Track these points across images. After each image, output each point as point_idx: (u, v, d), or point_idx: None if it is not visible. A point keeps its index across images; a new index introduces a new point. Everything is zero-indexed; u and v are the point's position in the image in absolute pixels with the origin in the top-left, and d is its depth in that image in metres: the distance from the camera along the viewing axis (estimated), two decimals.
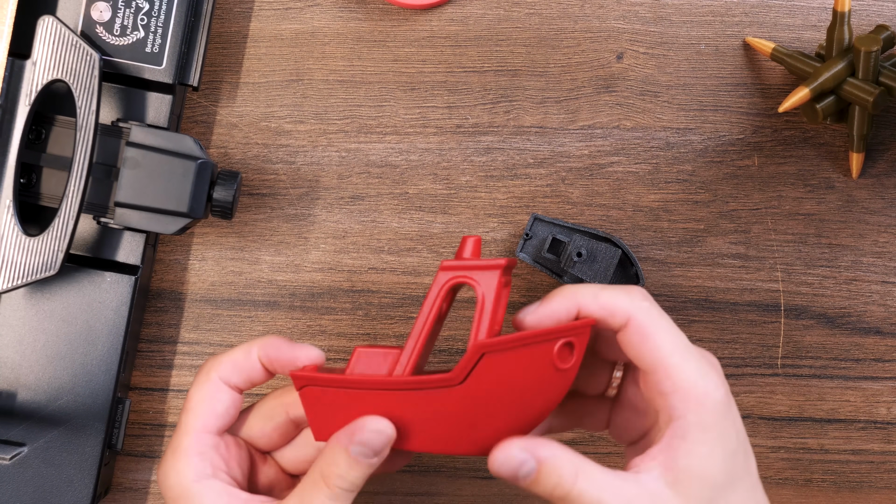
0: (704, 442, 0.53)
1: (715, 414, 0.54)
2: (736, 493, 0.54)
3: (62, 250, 0.61)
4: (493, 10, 0.69)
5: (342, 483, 0.54)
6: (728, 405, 0.54)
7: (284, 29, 0.69)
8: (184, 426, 0.58)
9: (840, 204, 0.69)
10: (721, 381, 0.55)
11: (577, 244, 0.66)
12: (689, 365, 0.54)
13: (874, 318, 0.69)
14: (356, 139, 0.69)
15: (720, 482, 0.54)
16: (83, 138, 0.61)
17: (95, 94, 0.61)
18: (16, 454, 0.64)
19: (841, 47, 0.66)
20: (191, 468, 0.56)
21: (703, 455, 0.53)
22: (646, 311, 0.55)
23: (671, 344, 0.55)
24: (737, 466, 0.54)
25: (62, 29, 0.61)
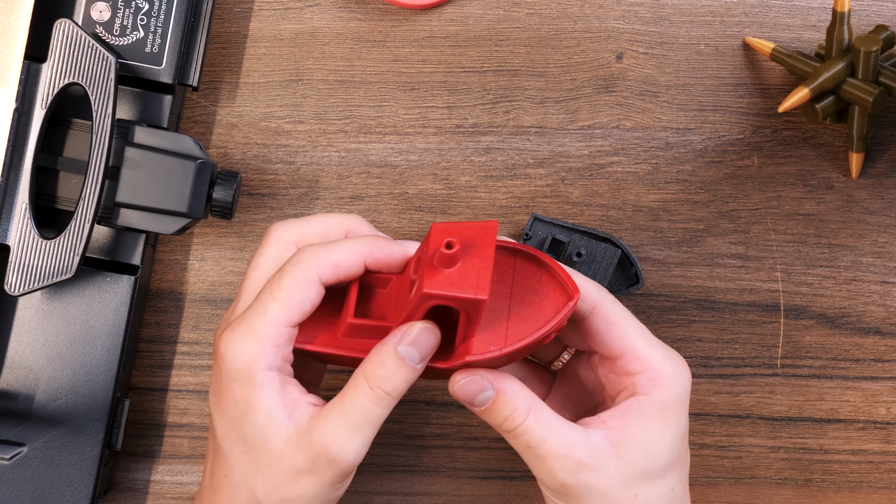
0: (659, 419, 0.57)
1: (676, 397, 0.57)
2: (670, 476, 0.58)
3: (78, 253, 0.61)
4: (493, 10, 0.69)
5: (386, 385, 0.54)
6: (687, 392, 0.58)
7: (284, 29, 0.69)
8: (269, 311, 0.55)
9: (840, 204, 0.69)
10: (685, 369, 0.58)
11: (576, 244, 0.66)
12: (655, 350, 0.58)
13: (874, 318, 0.69)
14: (356, 139, 0.69)
15: (661, 461, 0.57)
16: (99, 141, 0.61)
17: (111, 98, 0.61)
18: (16, 454, 0.64)
19: (841, 47, 0.66)
20: (265, 356, 0.55)
21: (655, 430, 0.57)
22: (611, 301, 0.58)
23: (636, 332, 0.58)
24: (680, 452, 0.58)
25: (79, 32, 0.61)
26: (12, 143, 0.62)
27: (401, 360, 0.54)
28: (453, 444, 0.69)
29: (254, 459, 0.56)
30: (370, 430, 0.55)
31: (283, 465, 0.55)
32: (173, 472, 0.68)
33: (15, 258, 0.61)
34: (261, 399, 0.55)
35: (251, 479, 0.56)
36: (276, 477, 0.55)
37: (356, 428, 0.54)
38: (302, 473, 0.55)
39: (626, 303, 0.69)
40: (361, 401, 0.54)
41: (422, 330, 0.54)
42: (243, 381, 0.55)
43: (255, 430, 0.55)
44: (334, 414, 0.55)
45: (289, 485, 0.55)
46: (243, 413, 0.55)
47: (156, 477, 0.69)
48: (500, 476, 0.69)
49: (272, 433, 0.55)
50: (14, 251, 0.61)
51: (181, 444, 0.69)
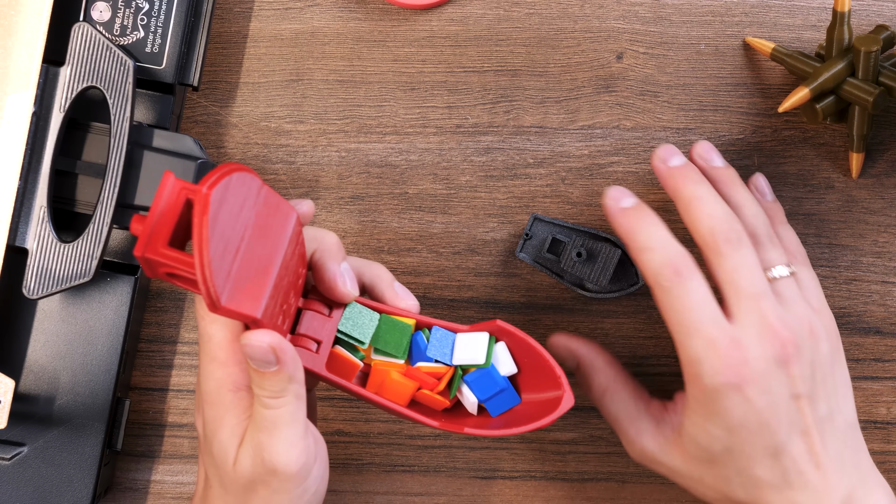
0: (700, 413, 0.59)
1: (706, 393, 0.58)
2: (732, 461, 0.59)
3: (96, 257, 0.61)
4: (493, 10, 0.69)
5: (263, 392, 0.55)
6: (724, 388, 0.58)
7: (284, 29, 0.69)
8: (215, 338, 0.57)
9: (840, 204, 0.69)
10: (721, 367, 0.58)
11: (576, 244, 0.66)
12: (693, 343, 0.58)
13: (874, 318, 0.69)
14: (356, 139, 0.69)
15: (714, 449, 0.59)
16: (117, 145, 0.61)
17: (130, 101, 0.61)
18: (16, 454, 0.64)
19: (841, 47, 0.66)
20: (230, 378, 0.57)
21: (697, 423, 0.59)
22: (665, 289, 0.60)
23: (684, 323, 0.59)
24: (733, 441, 0.59)
25: (96, 36, 0.61)
26: (31, 147, 0.62)
27: (255, 371, 0.55)
28: (453, 444, 0.69)
29: (221, 475, 0.57)
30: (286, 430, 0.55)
31: (240, 481, 0.57)
32: (173, 472, 0.68)
33: (33, 262, 0.61)
34: (226, 420, 0.57)
35: (224, 494, 0.58)
36: (239, 492, 0.57)
37: (269, 432, 0.55)
38: (255, 486, 0.56)
39: (626, 302, 0.69)
40: (258, 409, 0.56)
41: (247, 347, 0.54)
42: (212, 404, 0.57)
43: (219, 448, 0.57)
44: (250, 427, 0.56)
45: (251, 498, 0.57)
46: (213, 432, 0.57)
47: (156, 477, 0.69)
48: (501, 476, 0.69)
49: (232, 450, 0.57)
50: (32, 254, 0.61)
51: (181, 444, 0.69)
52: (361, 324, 0.59)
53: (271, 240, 0.54)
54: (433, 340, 0.59)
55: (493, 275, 0.69)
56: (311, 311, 0.58)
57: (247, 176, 0.53)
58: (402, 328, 0.59)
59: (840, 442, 0.60)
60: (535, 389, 0.59)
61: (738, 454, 0.59)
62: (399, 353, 0.58)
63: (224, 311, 0.52)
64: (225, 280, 0.52)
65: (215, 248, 0.51)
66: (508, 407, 0.60)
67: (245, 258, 0.53)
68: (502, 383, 0.59)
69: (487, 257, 0.69)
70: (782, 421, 0.59)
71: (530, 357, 0.59)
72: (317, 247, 0.59)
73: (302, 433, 0.56)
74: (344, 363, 0.58)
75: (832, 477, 0.59)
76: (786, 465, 0.59)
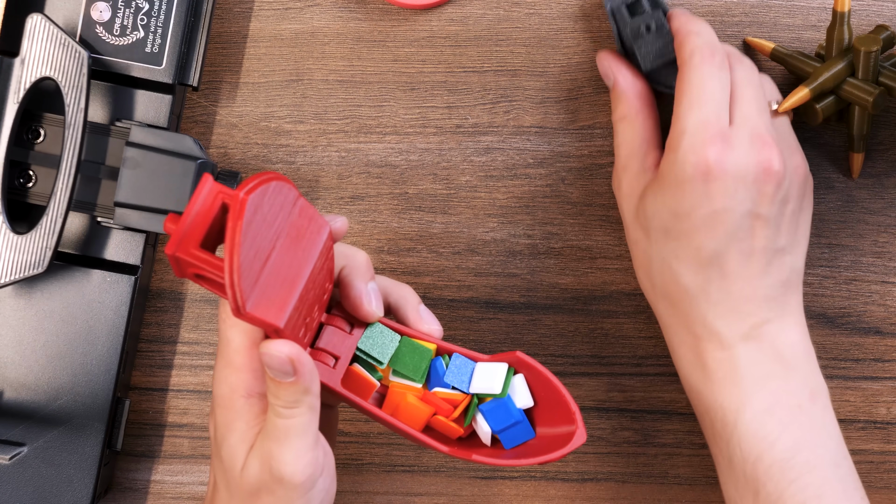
0: (658, 180, 0.61)
1: (672, 168, 0.60)
2: (668, 242, 0.61)
3: (50, 248, 0.61)
4: (493, 10, 0.69)
5: (278, 402, 0.55)
6: (690, 176, 0.60)
7: (284, 29, 0.69)
8: (234, 343, 0.57)
9: (840, 204, 0.69)
10: (702, 154, 0.59)
11: (653, 17, 0.65)
12: (690, 116, 0.60)
13: (874, 318, 0.69)
14: (356, 139, 0.69)
15: (654, 223, 0.61)
16: (72, 136, 0.61)
17: (84, 92, 0.61)
18: (16, 454, 0.64)
19: (841, 47, 0.66)
20: (243, 384, 0.57)
21: (652, 190, 0.61)
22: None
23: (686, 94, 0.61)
24: (677, 227, 0.60)
25: (51, 27, 0.61)
26: None
27: (271, 380, 0.55)
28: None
29: (227, 480, 0.58)
30: (297, 441, 0.55)
31: (245, 487, 0.57)
32: (173, 472, 0.68)
33: None
34: (237, 424, 0.57)
35: (230, 499, 0.58)
36: (244, 498, 0.57)
37: (279, 441, 0.55)
38: (260, 493, 0.56)
39: (626, 302, 0.69)
40: (271, 418, 0.56)
41: (266, 356, 0.54)
42: (224, 407, 0.57)
43: (228, 452, 0.57)
44: (261, 434, 0.56)
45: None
46: (223, 437, 0.57)
47: (156, 477, 0.69)
48: (500, 476, 0.69)
49: (240, 456, 0.57)
50: None
51: (181, 444, 0.69)
52: (382, 344, 0.58)
53: (302, 251, 0.54)
54: (452, 367, 0.59)
55: (493, 275, 0.69)
56: (332, 326, 0.58)
57: (284, 186, 0.53)
58: (422, 352, 0.58)
59: (776, 278, 0.61)
60: (550, 423, 0.59)
61: (672, 242, 0.60)
62: (417, 376, 0.58)
63: (248, 318, 0.52)
64: (252, 286, 0.52)
65: (246, 254, 0.51)
66: (522, 440, 0.59)
67: (274, 267, 0.53)
68: (518, 416, 0.58)
69: (487, 257, 0.69)
70: (729, 231, 0.59)
71: (547, 391, 0.59)
72: (346, 263, 0.58)
73: (312, 445, 0.56)
74: (361, 381, 0.58)
75: (750, 305, 0.60)
76: (710, 275, 0.60)
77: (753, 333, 0.60)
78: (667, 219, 0.60)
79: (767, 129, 0.61)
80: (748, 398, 0.60)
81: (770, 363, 0.60)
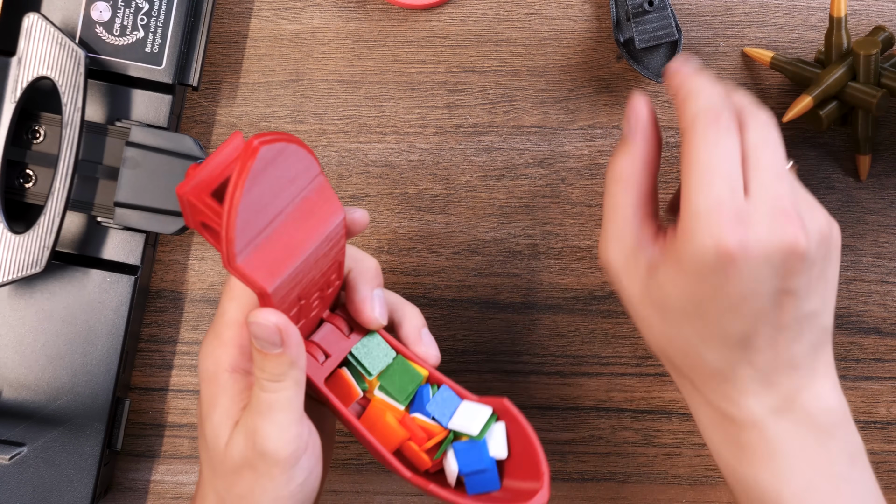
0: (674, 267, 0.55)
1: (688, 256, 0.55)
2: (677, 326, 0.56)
3: (48, 248, 0.61)
4: (493, 10, 0.69)
5: (263, 375, 0.54)
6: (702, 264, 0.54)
7: (284, 29, 0.69)
8: (227, 312, 0.57)
9: (840, 204, 0.69)
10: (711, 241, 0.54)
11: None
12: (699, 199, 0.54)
13: (874, 318, 0.69)
14: (356, 139, 0.69)
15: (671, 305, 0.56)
16: (69, 135, 0.61)
17: (81, 91, 0.61)
18: (16, 454, 0.64)
19: (840, 52, 0.66)
20: (228, 358, 0.56)
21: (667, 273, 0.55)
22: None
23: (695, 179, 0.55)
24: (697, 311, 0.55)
25: (48, 26, 0.61)
26: None
27: (258, 352, 0.54)
28: None
29: (211, 457, 0.57)
30: (280, 415, 0.55)
31: (228, 464, 0.56)
32: (173, 472, 0.69)
33: None
34: (221, 400, 0.56)
35: (212, 477, 0.57)
36: (227, 475, 0.56)
37: (264, 415, 0.55)
38: (242, 470, 0.56)
39: None
40: (256, 392, 0.55)
41: (254, 325, 0.54)
42: (209, 382, 0.57)
43: (211, 429, 0.56)
44: (246, 410, 0.56)
45: (237, 482, 0.56)
46: (207, 413, 0.57)
47: (156, 477, 0.69)
48: None
49: (224, 433, 0.56)
50: None
51: (181, 444, 0.69)
52: (375, 356, 0.58)
53: (309, 229, 0.53)
54: (438, 398, 0.57)
55: (493, 275, 0.69)
56: (331, 324, 0.58)
57: (305, 155, 0.52)
58: (413, 375, 0.57)
59: (807, 342, 0.56)
60: (517, 476, 0.57)
61: (694, 323, 0.56)
62: (402, 398, 0.57)
63: (237, 271, 0.51)
64: (248, 241, 0.51)
65: (248, 205, 0.50)
66: (487, 490, 0.57)
67: (275, 233, 0.52)
68: (488, 463, 0.57)
69: (487, 257, 0.69)
70: (756, 312, 0.55)
71: (523, 443, 0.57)
72: (354, 266, 0.58)
73: (296, 420, 0.55)
74: (345, 387, 0.58)
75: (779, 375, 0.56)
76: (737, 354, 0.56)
77: (786, 406, 0.56)
78: (687, 303, 0.55)
79: (789, 198, 0.54)
80: (787, 477, 0.56)
81: (806, 434, 0.56)
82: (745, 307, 0.54)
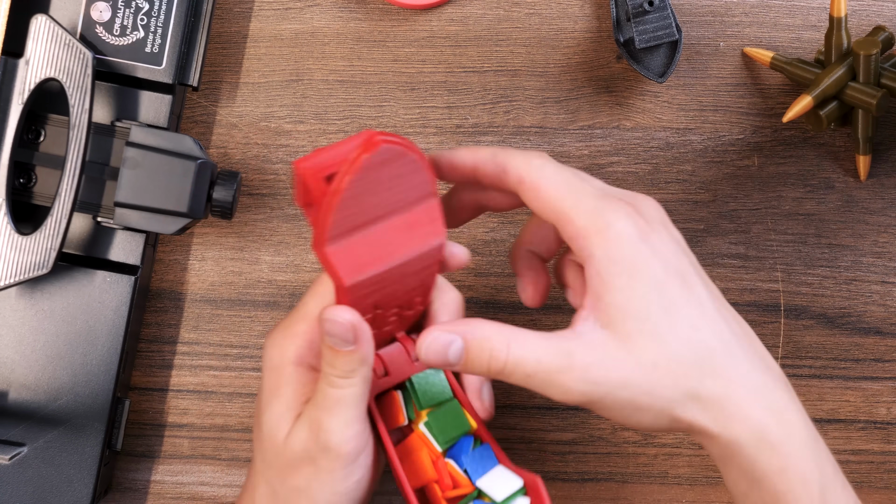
0: (619, 273, 0.52)
1: (622, 244, 0.52)
2: (679, 322, 0.53)
3: (55, 249, 0.61)
4: (493, 10, 0.69)
5: (333, 371, 0.54)
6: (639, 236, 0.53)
7: (284, 29, 0.69)
8: (307, 306, 0.57)
9: (840, 204, 0.69)
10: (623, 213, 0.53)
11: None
12: (583, 204, 0.53)
13: (874, 318, 0.69)
14: None
15: (654, 313, 0.52)
16: (76, 137, 0.61)
17: (89, 93, 0.61)
18: (16, 454, 0.64)
19: (840, 52, 0.66)
20: (296, 350, 0.57)
21: (622, 287, 0.52)
22: (537, 167, 0.54)
23: (564, 189, 0.53)
24: (671, 296, 0.53)
25: (55, 27, 0.61)
26: None
27: (329, 348, 0.54)
28: None
29: (266, 448, 0.57)
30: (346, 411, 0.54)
31: (286, 456, 0.56)
32: (173, 472, 0.69)
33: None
34: (283, 391, 0.57)
35: (265, 469, 0.57)
36: (283, 468, 0.56)
37: (329, 410, 0.55)
38: (300, 464, 0.56)
39: None
40: (322, 388, 0.55)
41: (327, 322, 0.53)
42: (272, 372, 0.57)
43: (270, 419, 0.57)
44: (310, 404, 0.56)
45: (294, 475, 0.56)
46: (266, 403, 0.57)
47: (156, 477, 0.69)
48: None
49: (284, 424, 0.56)
50: None
51: (181, 444, 0.69)
52: (432, 391, 0.57)
53: (406, 241, 0.53)
54: (476, 453, 0.56)
55: (493, 275, 0.69)
56: (402, 345, 0.57)
57: (422, 168, 0.52)
58: (461, 422, 0.56)
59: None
60: None
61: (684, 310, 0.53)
62: (442, 441, 0.56)
63: (323, 256, 0.51)
64: (343, 231, 0.51)
65: (353, 194, 0.50)
66: None
67: (372, 234, 0.52)
68: None
69: (487, 257, 0.69)
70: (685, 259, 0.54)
71: None
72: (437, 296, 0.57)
73: (360, 417, 0.55)
74: (393, 409, 0.57)
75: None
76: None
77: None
78: (656, 296, 0.53)
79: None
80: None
81: None
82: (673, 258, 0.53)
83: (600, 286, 0.52)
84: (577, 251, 0.53)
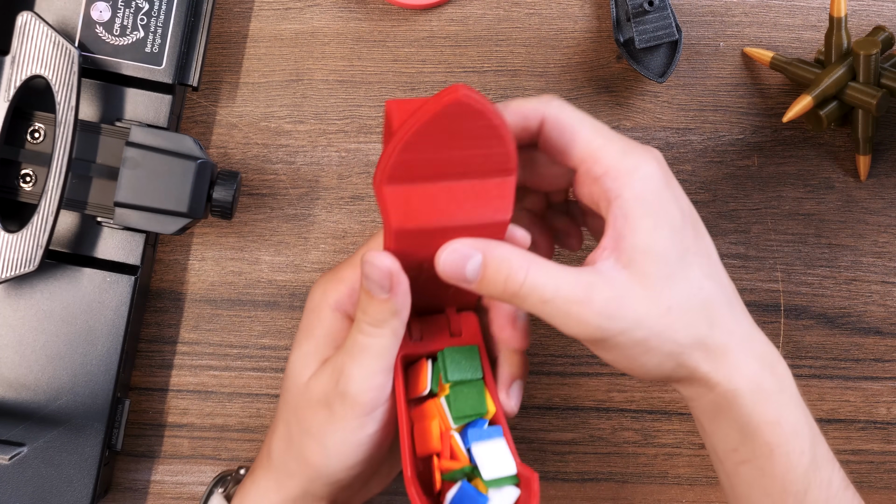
0: (645, 215, 0.52)
1: (649, 186, 0.53)
2: (692, 270, 0.53)
3: (42, 246, 0.61)
4: (493, 10, 0.69)
5: (365, 317, 0.54)
6: (664, 181, 0.53)
7: (284, 29, 0.69)
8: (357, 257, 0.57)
9: (840, 204, 0.69)
10: (651, 157, 0.54)
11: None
12: (612, 145, 0.53)
13: (874, 318, 0.69)
14: (356, 139, 0.69)
15: (672, 257, 0.52)
16: (63, 134, 0.61)
17: (75, 90, 0.61)
18: (16, 454, 0.64)
19: (840, 52, 0.66)
20: (336, 295, 0.57)
21: (648, 228, 0.52)
22: (557, 107, 0.54)
23: (590, 130, 0.54)
24: (686, 243, 0.53)
25: (41, 25, 0.61)
26: None
27: (366, 293, 0.54)
28: None
29: (288, 388, 0.58)
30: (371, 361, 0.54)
31: (305, 396, 0.56)
32: (173, 472, 0.69)
33: None
34: (316, 332, 0.57)
35: (285, 408, 0.58)
36: (300, 408, 0.56)
37: (354, 357, 0.54)
38: (316, 407, 0.56)
39: None
40: (353, 335, 0.55)
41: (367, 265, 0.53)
42: (310, 312, 0.58)
43: (298, 358, 0.57)
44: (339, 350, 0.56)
45: (309, 417, 0.56)
46: (298, 342, 0.58)
47: (156, 477, 0.69)
48: None
49: (311, 364, 0.57)
50: None
51: (181, 444, 0.69)
52: (462, 367, 0.56)
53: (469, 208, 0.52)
54: (484, 428, 0.55)
55: None
56: (446, 317, 0.57)
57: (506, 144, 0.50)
58: (480, 404, 0.55)
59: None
60: None
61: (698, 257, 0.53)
62: (458, 419, 0.55)
63: (380, 193, 0.50)
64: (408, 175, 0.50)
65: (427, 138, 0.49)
66: None
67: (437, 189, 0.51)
68: None
69: None
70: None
71: None
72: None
73: (384, 370, 0.54)
74: (418, 377, 0.56)
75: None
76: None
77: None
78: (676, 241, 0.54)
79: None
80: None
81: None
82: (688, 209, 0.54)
83: (625, 227, 0.52)
84: (603, 191, 0.53)
